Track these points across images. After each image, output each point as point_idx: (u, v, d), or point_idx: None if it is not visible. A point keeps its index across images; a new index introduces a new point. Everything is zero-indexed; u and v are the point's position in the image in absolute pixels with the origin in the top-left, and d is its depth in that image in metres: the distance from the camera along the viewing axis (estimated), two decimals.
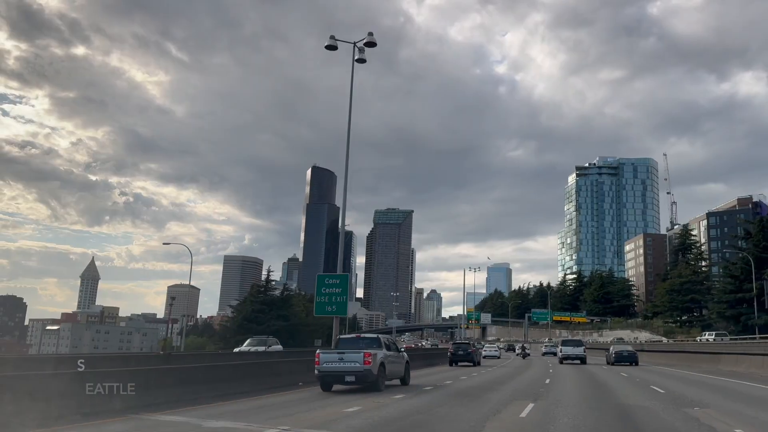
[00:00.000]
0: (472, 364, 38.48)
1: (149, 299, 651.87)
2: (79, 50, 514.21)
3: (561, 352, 43.87)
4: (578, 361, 42.15)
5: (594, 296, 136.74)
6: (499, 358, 59.92)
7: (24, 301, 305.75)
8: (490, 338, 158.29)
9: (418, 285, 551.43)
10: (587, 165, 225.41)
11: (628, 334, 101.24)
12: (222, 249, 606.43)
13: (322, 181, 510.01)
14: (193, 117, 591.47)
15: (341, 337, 19.45)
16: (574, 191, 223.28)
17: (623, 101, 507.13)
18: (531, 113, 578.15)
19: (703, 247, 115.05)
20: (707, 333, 64.38)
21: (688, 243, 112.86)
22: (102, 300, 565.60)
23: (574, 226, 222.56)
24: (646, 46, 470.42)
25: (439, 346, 79.88)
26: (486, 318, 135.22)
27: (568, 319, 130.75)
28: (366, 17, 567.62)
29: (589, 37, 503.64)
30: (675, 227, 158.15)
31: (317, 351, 17.87)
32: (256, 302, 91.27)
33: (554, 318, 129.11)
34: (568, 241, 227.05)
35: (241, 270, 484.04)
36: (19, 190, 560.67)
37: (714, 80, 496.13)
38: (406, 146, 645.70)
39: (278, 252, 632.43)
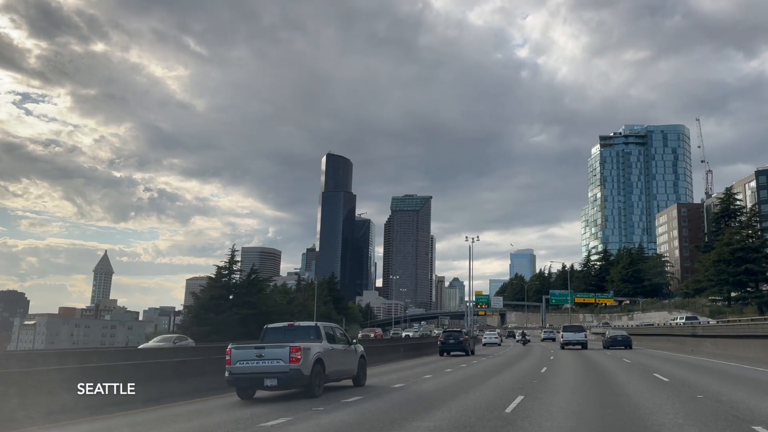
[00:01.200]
0: (464, 353, 36.32)
1: (176, 293, 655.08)
2: (98, 47, 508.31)
3: (563, 338, 45.27)
4: (579, 347, 43.28)
5: (622, 275, 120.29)
6: (499, 345, 58.89)
7: (26, 297, 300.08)
8: (510, 325, 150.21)
9: (439, 274, 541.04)
10: (612, 134, 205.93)
11: (664, 316, 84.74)
12: (246, 242, 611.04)
13: (338, 168, 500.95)
14: (213, 111, 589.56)
15: (268, 326, 15.05)
16: (598, 164, 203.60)
17: (648, 82, 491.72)
18: (554, 97, 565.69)
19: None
20: (679, 316, 60.16)
21: (732, 209, 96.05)
22: (124, 294, 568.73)
23: (598, 202, 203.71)
24: (671, 24, 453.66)
25: (433, 333, 75.94)
26: (497, 302, 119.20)
27: (592, 300, 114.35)
28: (384, 4, 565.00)
29: (612, 17, 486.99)
30: (711, 198, 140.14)
31: (228, 346, 13.47)
32: (214, 287, 77.01)
33: (576, 300, 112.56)
34: (593, 218, 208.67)
35: (259, 261, 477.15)
36: (45, 188, 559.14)
37: (742, 58, 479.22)
38: (426, 135, 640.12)
39: (300, 244, 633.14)
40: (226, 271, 78.71)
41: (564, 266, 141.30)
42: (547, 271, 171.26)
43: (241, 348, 13.48)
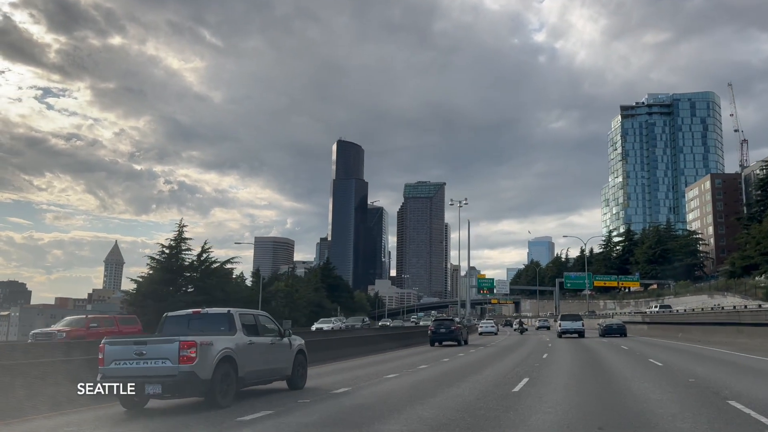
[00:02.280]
0: (456, 343, 34.80)
1: None
2: (116, 40, 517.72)
3: (560, 326, 45.83)
4: (576, 335, 44.07)
5: (648, 255, 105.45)
6: (496, 334, 58.62)
7: (27, 287, 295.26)
8: (524, 313, 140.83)
9: (455, 262, 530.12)
10: (634, 104, 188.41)
11: (704, 300, 69.95)
12: (265, 234, 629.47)
13: (349, 155, 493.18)
14: (230, 102, 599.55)
15: (168, 314, 11.94)
16: (619, 137, 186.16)
17: (669, 65, 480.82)
18: (572, 82, 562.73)
19: None
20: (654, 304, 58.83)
21: None
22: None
23: (620, 179, 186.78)
24: (692, 5, 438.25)
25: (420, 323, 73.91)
26: (502, 286, 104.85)
27: (614, 284, 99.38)
28: None
29: None
30: (747, 169, 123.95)
31: (102, 342, 10.39)
32: (156, 269, 64.21)
33: (596, 284, 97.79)
34: (614, 197, 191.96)
35: (272, 251, 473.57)
36: (68, 182, 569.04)
37: (767, 39, 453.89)
38: (442, 122, 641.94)
39: (317, 234, 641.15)
40: (174, 250, 65.69)
41: (583, 249, 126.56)
42: (564, 256, 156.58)
43: (116, 343, 10.33)
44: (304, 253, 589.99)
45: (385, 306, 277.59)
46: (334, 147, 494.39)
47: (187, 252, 66.25)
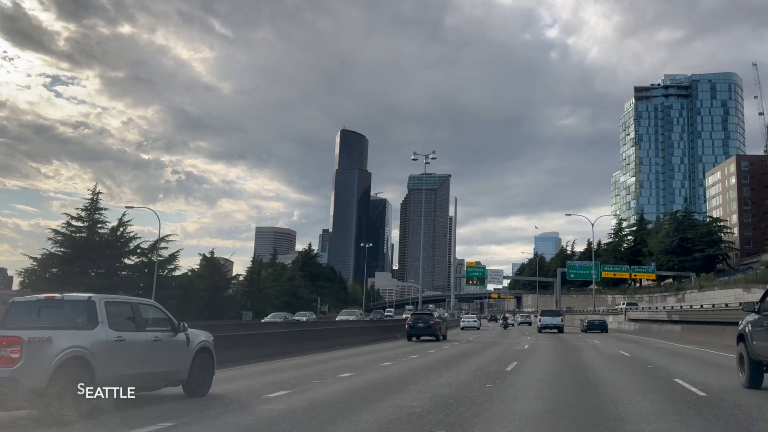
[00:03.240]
0: (434, 338, 34.19)
1: None
2: (125, 29, 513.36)
3: (540, 321, 48.83)
4: (556, 330, 46.32)
5: (665, 245, 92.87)
6: (478, 329, 58.20)
7: (8, 272, 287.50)
8: (525, 309, 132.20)
9: (461, 257, 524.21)
10: (649, 85, 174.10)
11: (739, 294, 57.07)
12: (273, 225, 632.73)
13: (352, 145, 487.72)
14: (239, 93, 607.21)
15: (15, 299, 9.85)
16: (632, 119, 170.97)
17: (683, 63, 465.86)
18: (584, 79, 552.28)
19: None
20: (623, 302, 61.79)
21: None
22: None
23: (632, 166, 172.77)
24: (706, 3, 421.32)
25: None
26: (496, 276, 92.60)
27: (626, 276, 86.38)
28: None
29: None
30: None
31: None
32: (58, 246, 52.25)
33: (604, 275, 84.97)
34: (625, 185, 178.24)
35: (273, 242, 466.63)
36: (76, 170, 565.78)
37: None
38: (452, 118, 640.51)
39: (323, 226, 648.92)
40: (82, 224, 53.57)
41: (589, 242, 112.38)
42: (570, 248, 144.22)
43: None
44: (305, 245, 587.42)
45: (382, 299, 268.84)
46: (338, 136, 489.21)
47: (101, 226, 54.19)
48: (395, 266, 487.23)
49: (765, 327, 10.43)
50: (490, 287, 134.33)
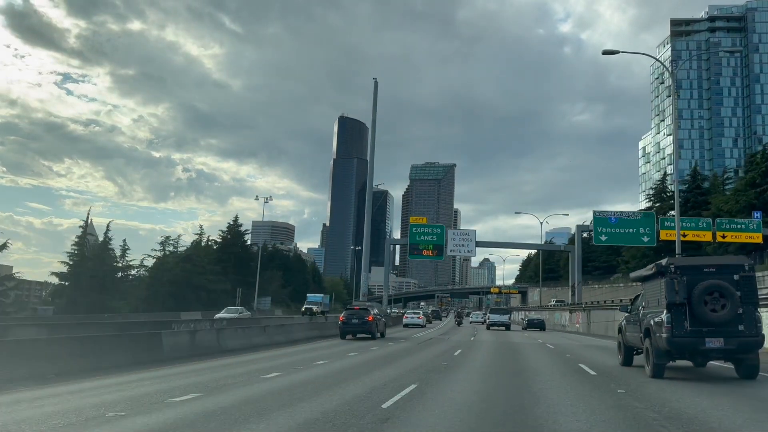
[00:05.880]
0: (370, 336, 31.87)
1: None
2: (135, 25, 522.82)
3: (488, 319, 51.25)
4: (503, 328, 48.90)
5: (749, 198, 58.32)
6: (423, 327, 53.18)
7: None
8: (531, 304, 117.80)
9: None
10: (690, 18, 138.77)
11: None
12: (270, 220, 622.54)
13: (352, 133, 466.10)
14: (249, 90, 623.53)
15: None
16: (668, 63, 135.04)
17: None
18: (598, 74, 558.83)
19: None
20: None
21: None
22: None
23: (668, 121, 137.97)
24: None
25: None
26: (465, 243, 58.70)
27: (708, 236, 51.51)
28: None
29: None
30: None
31: None
32: None
33: (664, 235, 50.06)
34: (658, 147, 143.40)
35: (270, 236, 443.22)
36: (87, 168, 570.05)
37: None
38: (464, 113, 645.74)
39: (325, 221, 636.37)
40: None
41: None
42: (585, 233, 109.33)
43: None
44: (312, 242, 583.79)
45: (372, 294, 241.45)
46: (336, 124, 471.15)
47: None
48: (397, 262, 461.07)
49: (632, 323, 15.64)
50: (482, 269, 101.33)
